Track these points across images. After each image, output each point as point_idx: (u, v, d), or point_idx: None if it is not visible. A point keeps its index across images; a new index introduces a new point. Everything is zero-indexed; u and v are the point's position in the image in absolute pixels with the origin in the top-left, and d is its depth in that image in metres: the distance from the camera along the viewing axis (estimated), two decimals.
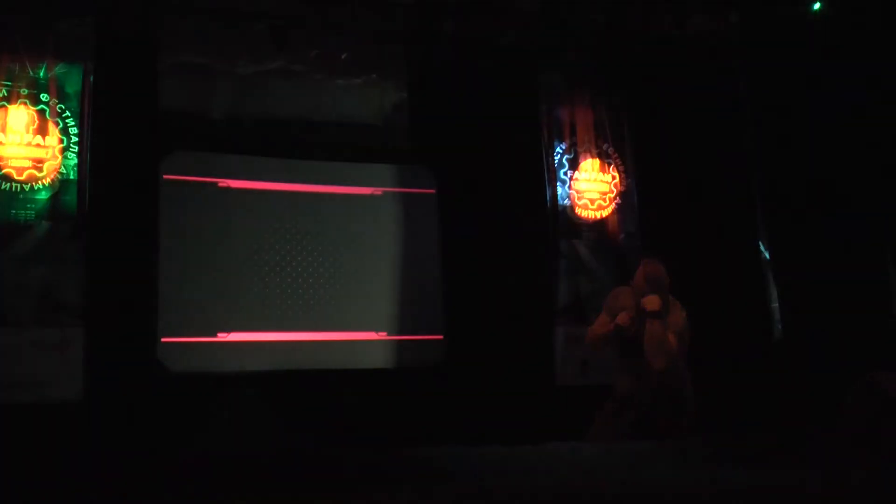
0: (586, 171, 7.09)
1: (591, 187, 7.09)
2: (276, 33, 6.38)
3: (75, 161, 5.84)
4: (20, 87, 5.80)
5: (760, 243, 6.78)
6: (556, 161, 7.02)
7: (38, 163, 5.76)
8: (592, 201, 7.08)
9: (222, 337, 6.23)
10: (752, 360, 6.53)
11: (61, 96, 5.89)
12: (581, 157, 7.09)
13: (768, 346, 6.68)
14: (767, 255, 6.75)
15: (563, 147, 7.08)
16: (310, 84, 6.80)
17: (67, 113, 5.90)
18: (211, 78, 6.56)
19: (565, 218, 6.97)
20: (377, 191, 6.85)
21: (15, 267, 5.60)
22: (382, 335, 6.61)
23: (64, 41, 5.91)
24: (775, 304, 6.70)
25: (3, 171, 5.68)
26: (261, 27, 6.42)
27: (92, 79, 5.93)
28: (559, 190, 6.98)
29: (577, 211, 7.02)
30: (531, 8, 6.63)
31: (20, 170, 5.72)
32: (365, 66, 6.89)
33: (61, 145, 5.84)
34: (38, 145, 5.79)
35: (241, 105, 6.62)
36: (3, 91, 5.76)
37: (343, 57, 6.79)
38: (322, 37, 6.63)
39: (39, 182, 5.76)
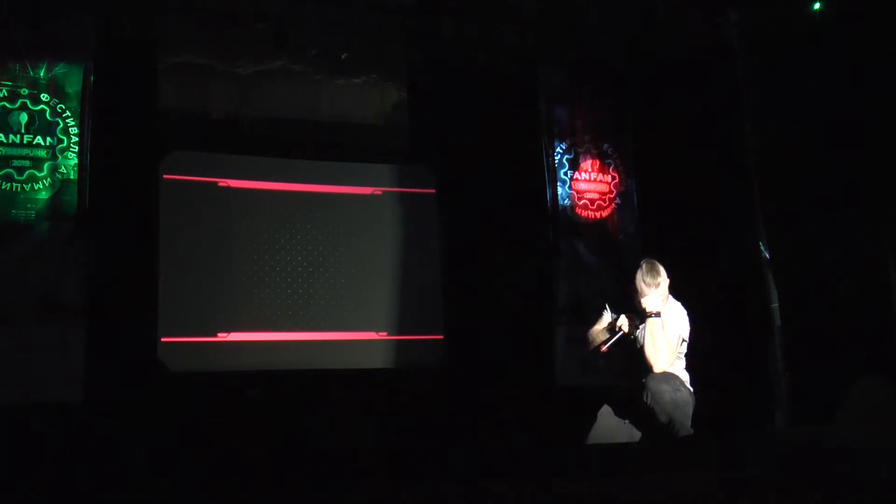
0: (586, 171, 7.10)
1: (591, 187, 7.09)
2: (276, 33, 6.38)
3: (75, 161, 5.84)
4: (20, 87, 5.80)
5: (760, 243, 6.77)
6: (556, 161, 7.02)
7: (37, 163, 5.77)
8: (592, 201, 7.09)
9: (222, 337, 6.23)
10: (752, 360, 6.53)
11: (61, 96, 5.89)
12: (581, 157, 7.10)
13: (768, 346, 6.67)
14: (767, 255, 6.74)
15: (563, 147, 7.08)
16: (310, 84, 6.81)
17: (67, 113, 5.90)
18: (211, 78, 6.56)
19: (565, 218, 6.97)
20: (377, 191, 6.85)
21: (15, 267, 5.60)
22: (382, 335, 6.61)
23: (64, 41, 5.91)
24: (775, 304, 6.69)
25: (3, 171, 5.68)
26: (261, 27, 6.42)
27: (92, 79, 5.94)
28: (559, 190, 6.99)
29: (578, 211, 7.02)
30: (531, 8, 6.63)
31: (20, 170, 5.73)
32: (365, 66, 6.89)
33: (61, 145, 5.85)
34: (38, 145, 5.79)
35: (241, 105, 6.63)
36: (3, 91, 5.76)
37: (343, 57, 6.79)
38: (322, 37, 6.63)
39: (39, 182, 5.76)
